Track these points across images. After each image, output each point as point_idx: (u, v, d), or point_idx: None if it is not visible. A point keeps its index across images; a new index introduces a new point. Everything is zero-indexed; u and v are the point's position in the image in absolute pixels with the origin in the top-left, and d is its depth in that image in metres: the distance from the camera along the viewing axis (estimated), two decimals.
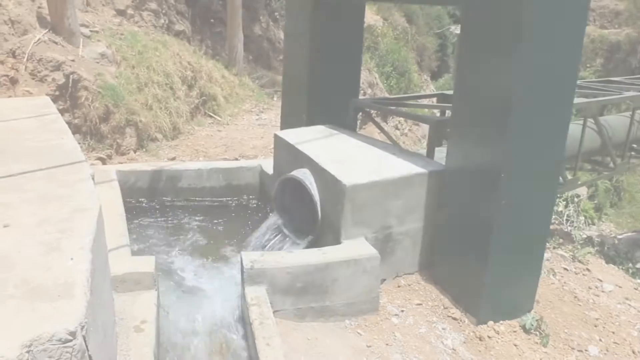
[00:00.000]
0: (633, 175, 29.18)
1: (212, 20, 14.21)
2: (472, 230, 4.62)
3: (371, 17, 20.85)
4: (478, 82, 4.43)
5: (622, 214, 27.89)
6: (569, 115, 4.58)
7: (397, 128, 13.91)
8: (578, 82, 9.69)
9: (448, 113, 5.88)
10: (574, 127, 7.23)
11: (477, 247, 4.54)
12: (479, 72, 4.41)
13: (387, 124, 13.63)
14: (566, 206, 12.00)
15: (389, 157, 5.17)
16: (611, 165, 8.24)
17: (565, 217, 11.45)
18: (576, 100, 7.00)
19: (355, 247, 4.54)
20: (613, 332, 5.11)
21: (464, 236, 4.74)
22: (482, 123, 4.41)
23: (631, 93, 7.97)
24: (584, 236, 9.84)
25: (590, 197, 25.40)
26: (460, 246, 4.79)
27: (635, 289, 6.63)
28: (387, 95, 14.82)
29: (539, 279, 4.99)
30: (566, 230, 9.60)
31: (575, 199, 12.55)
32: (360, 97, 12.84)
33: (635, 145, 9.01)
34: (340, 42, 6.48)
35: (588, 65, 33.71)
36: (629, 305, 5.89)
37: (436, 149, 5.58)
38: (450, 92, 6.41)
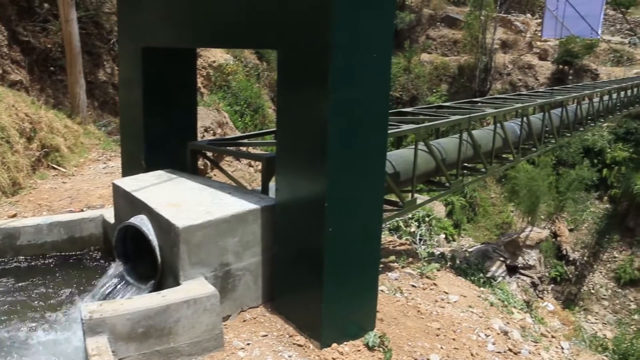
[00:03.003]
0: (484, 190, 31.13)
1: (52, 68, 13.78)
2: (305, 260, 4.80)
3: (221, 55, 20.96)
4: (296, 119, 4.68)
5: (479, 228, 29.62)
6: (384, 143, 4.91)
7: (250, 165, 14.04)
8: (411, 109, 10.39)
9: None
10: (409, 152, 7.73)
11: (312, 275, 4.71)
12: (297, 109, 4.66)
13: (240, 162, 13.74)
14: (418, 226, 12.55)
15: (224, 197, 5.28)
16: (447, 184, 8.81)
17: (418, 237, 11.99)
18: (406, 126, 7.51)
19: (194, 287, 4.59)
20: (454, 339, 5.44)
21: (299, 266, 4.91)
22: (304, 157, 4.64)
23: (457, 117, 8.66)
24: (438, 253, 10.37)
25: (448, 215, 26.78)
26: (297, 276, 4.95)
27: (478, 296, 7.11)
28: (238, 133, 14.94)
29: (376, 298, 5.21)
30: (419, 249, 10.08)
31: (427, 219, 13.12)
32: (211, 137, 12.94)
33: (467, 164, 9.75)
34: (174, 86, 6.56)
35: (434, 90, 35.87)
36: (472, 312, 6.31)
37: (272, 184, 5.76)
38: None
